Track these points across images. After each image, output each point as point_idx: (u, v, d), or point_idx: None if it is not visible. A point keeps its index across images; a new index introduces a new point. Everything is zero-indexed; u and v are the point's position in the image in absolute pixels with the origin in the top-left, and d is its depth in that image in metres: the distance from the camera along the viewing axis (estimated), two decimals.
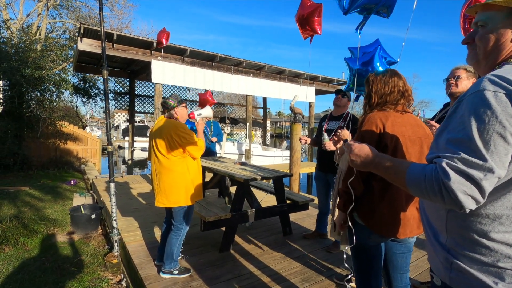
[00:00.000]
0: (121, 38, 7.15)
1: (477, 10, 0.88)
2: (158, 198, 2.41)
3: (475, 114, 0.70)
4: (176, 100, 2.43)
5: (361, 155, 1.00)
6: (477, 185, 0.69)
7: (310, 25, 2.85)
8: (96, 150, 10.77)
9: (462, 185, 0.69)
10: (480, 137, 0.69)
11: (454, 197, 0.70)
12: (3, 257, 3.28)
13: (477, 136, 0.69)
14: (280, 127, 46.02)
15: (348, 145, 1.06)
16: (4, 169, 7.98)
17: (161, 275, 2.42)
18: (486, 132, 0.68)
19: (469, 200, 0.69)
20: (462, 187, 0.69)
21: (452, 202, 0.71)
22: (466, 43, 0.92)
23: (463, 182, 0.69)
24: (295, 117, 5.64)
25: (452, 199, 0.70)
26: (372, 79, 1.56)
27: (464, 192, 0.69)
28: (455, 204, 0.71)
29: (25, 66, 7.46)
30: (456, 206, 0.71)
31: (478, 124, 0.69)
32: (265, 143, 14.83)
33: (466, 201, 0.69)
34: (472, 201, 0.70)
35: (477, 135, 0.69)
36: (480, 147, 0.68)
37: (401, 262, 1.54)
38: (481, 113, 0.69)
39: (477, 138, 0.69)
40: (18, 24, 10.39)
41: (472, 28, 0.91)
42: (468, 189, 0.69)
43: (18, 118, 8.17)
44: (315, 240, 3.21)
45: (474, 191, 0.69)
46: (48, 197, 5.79)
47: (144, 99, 11.67)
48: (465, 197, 0.69)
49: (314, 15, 2.82)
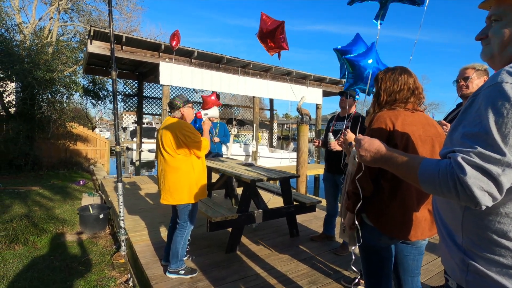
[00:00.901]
0: (130, 40, 7.24)
1: (490, 4, 0.85)
2: (163, 195, 2.44)
3: (492, 107, 0.67)
4: (182, 100, 2.46)
5: (371, 150, 0.96)
6: (494, 181, 0.65)
7: (276, 42, 2.84)
8: (105, 151, 10.91)
9: (478, 181, 0.65)
10: (498, 130, 0.66)
11: (470, 193, 0.66)
12: (14, 255, 3.33)
13: (495, 130, 0.66)
14: (287, 128, 45.94)
15: (358, 140, 1.02)
16: (16, 169, 8.15)
17: (167, 275, 2.42)
18: (504, 125, 0.65)
19: (485, 197, 0.66)
20: (479, 183, 0.65)
21: (467, 198, 0.67)
22: (480, 39, 0.89)
23: (480, 177, 0.66)
24: (302, 118, 5.61)
25: (467, 195, 0.67)
26: (381, 76, 1.53)
27: (481, 188, 0.66)
28: (471, 200, 0.67)
29: (37, 69, 7.62)
30: (472, 202, 0.68)
31: (496, 117, 0.66)
32: (272, 145, 14.79)
33: (482, 197, 0.66)
34: (489, 198, 0.66)
35: (495, 129, 0.66)
36: (498, 141, 0.65)
37: (412, 265, 1.49)
38: (499, 106, 0.66)
39: (494, 131, 0.66)
40: (30, 27, 10.64)
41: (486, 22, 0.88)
42: (485, 184, 0.65)
43: (30, 120, 8.34)
44: (323, 242, 3.17)
45: (491, 187, 0.65)
46: (57, 197, 5.88)
47: (152, 100, 11.79)
48: (481, 193, 0.66)
49: (278, 33, 2.80)
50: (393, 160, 0.89)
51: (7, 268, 3.03)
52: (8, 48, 7.88)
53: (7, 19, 9.13)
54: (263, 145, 13.36)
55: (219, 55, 8.30)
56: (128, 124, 21.06)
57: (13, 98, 8.81)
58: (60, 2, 11.29)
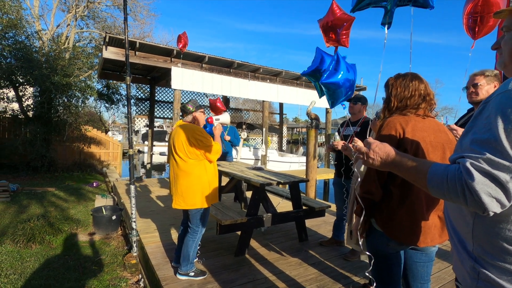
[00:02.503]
0: (143, 46, 7.43)
1: (505, 15, 0.86)
2: (175, 200, 2.46)
3: (502, 114, 0.68)
4: (195, 105, 2.52)
5: (381, 154, 0.96)
6: (502, 188, 0.66)
7: (337, 36, 2.65)
8: (117, 153, 11.15)
9: (486, 187, 0.66)
10: (507, 137, 0.66)
11: (478, 199, 0.67)
12: (31, 253, 3.45)
13: (504, 137, 0.66)
14: (297, 132, 45.75)
15: (367, 143, 1.02)
16: (33, 170, 8.43)
17: (178, 276, 2.46)
18: None
19: (493, 203, 0.66)
20: (487, 189, 0.66)
21: (475, 204, 0.68)
22: (496, 49, 0.90)
23: (488, 184, 0.66)
24: (312, 122, 5.61)
25: (475, 201, 0.68)
26: (392, 82, 1.53)
27: (489, 194, 0.66)
28: (479, 206, 0.68)
29: (55, 74, 7.91)
30: (480, 208, 0.68)
31: (505, 125, 0.67)
32: (282, 149, 14.78)
33: (490, 203, 0.66)
34: (497, 204, 0.67)
35: (504, 136, 0.66)
36: (507, 148, 0.65)
37: (422, 272, 1.48)
38: (509, 113, 0.66)
39: (503, 138, 0.66)
40: (49, 34, 11.05)
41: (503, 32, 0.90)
42: (493, 191, 0.66)
43: (47, 123, 8.64)
44: (332, 248, 3.16)
45: (499, 194, 0.66)
46: (72, 198, 6.05)
47: (163, 104, 12.03)
48: (489, 199, 0.66)
49: (343, 27, 2.60)
50: (403, 164, 0.89)
51: (24, 266, 3.14)
52: (28, 54, 8.22)
53: (27, 27, 9.53)
54: (272, 149, 13.36)
55: (230, 60, 8.41)
56: (139, 128, 21.44)
57: (31, 102, 9.15)
58: (77, 10, 11.71)
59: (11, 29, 8.26)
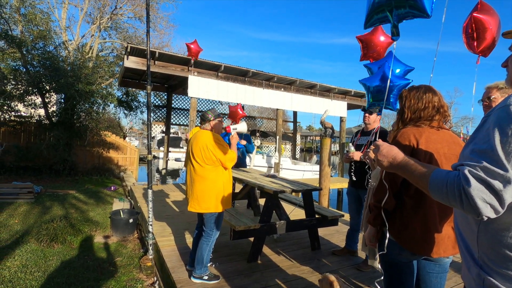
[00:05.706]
0: (162, 55, 7.72)
1: None
2: (191, 203, 2.57)
3: (499, 127, 0.74)
4: (214, 114, 2.63)
5: (388, 156, 1.04)
6: (496, 194, 0.71)
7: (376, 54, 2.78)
8: (134, 159, 11.47)
9: (481, 193, 0.72)
10: (502, 148, 0.72)
11: (473, 204, 0.72)
12: (53, 253, 3.61)
13: (500, 148, 0.72)
14: (310, 141, 45.42)
15: (377, 145, 1.09)
16: (55, 173, 8.81)
17: (192, 279, 2.52)
18: (508, 144, 0.71)
19: (487, 208, 0.72)
20: (482, 195, 0.71)
21: (470, 208, 0.73)
22: (505, 66, 0.95)
23: (483, 190, 0.72)
24: (325, 131, 5.62)
25: (470, 205, 0.73)
26: (405, 95, 1.57)
27: (483, 200, 0.71)
28: (473, 210, 0.73)
29: (79, 82, 8.32)
30: (474, 212, 0.74)
31: (501, 137, 0.73)
32: (295, 157, 14.74)
33: (484, 208, 0.72)
34: (491, 210, 0.72)
35: (500, 147, 0.72)
36: (502, 158, 0.71)
37: (435, 283, 1.48)
38: (505, 126, 0.73)
39: (499, 149, 0.72)
40: (74, 44, 11.65)
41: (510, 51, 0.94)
42: (487, 197, 0.71)
43: (69, 128, 9.05)
44: (345, 257, 3.14)
45: (493, 200, 0.71)
46: (91, 201, 6.28)
47: (179, 112, 12.33)
48: (483, 204, 0.71)
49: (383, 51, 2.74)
50: (408, 167, 0.96)
51: (47, 265, 3.29)
52: (55, 63, 8.70)
53: (55, 37, 10.09)
54: (285, 157, 13.35)
55: (245, 69, 8.58)
56: (155, 134, 21.98)
57: (55, 108, 9.62)
58: (101, 21, 12.31)
59: (41, 40, 8.79)
